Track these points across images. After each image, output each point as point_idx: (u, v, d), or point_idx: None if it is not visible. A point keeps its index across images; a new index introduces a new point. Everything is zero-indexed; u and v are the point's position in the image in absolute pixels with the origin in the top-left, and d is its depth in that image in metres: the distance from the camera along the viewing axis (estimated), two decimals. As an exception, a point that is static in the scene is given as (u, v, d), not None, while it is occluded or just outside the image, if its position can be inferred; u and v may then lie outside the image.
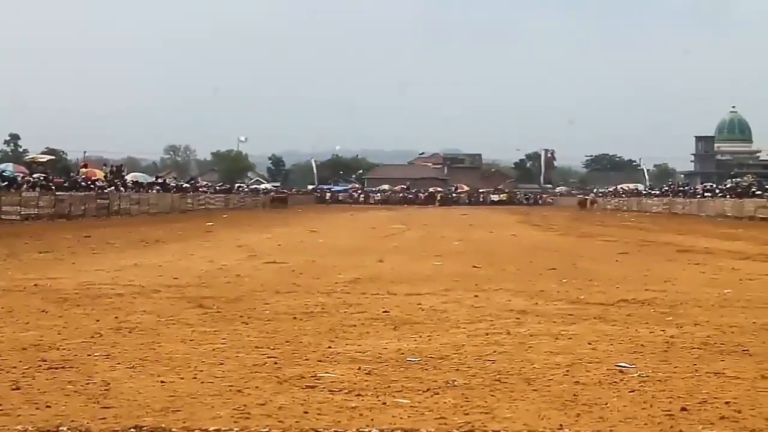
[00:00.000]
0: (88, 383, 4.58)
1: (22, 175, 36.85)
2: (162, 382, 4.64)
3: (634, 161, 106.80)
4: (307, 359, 5.28)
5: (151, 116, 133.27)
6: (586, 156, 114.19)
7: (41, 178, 36.15)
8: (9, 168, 38.92)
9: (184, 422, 3.84)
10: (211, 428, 3.76)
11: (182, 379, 4.72)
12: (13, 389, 4.44)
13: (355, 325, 6.66)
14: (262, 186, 79.20)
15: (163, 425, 3.79)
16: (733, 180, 61.37)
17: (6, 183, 31.56)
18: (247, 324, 6.73)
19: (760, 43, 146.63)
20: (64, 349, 5.55)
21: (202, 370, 4.93)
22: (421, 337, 6.16)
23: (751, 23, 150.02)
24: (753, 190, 46.03)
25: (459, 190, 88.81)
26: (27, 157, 53.35)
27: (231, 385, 4.56)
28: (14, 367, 4.96)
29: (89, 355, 5.35)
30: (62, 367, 4.97)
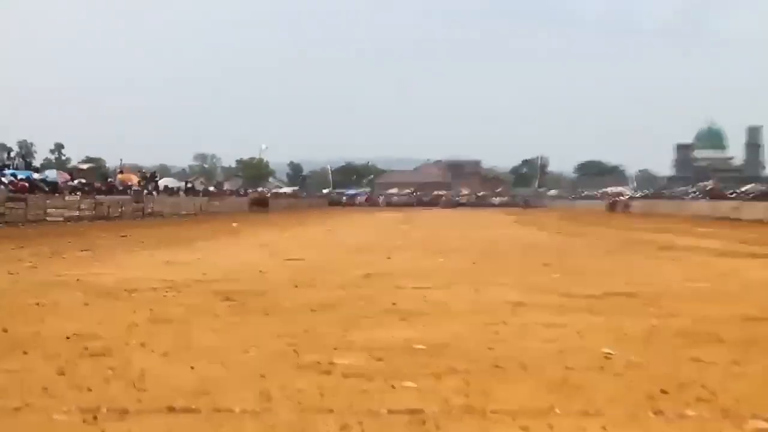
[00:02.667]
0: (125, 369, 4.61)
1: (64, 180, 37.04)
2: (192, 367, 4.66)
3: (620, 167, 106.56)
4: (323, 347, 5.29)
5: (181, 127, 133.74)
6: (576, 162, 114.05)
7: (82, 183, 36.37)
8: (53, 174, 39.18)
9: (212, 404, 3.86)
10: (237, 409, 3.78)
11: (211, 365, 4.74)
12: (59, 374, 4.47)
13: (366, 316, 6.67)
14: (282, 190, 79.23)
15: (193, 406, 3.82)
16: (699, 184, 62.01)
17: (50, 188, 31.76)
18: (269, 315, 6.75)
19: (733, 58, 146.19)
20: (103, 338, 5.58)
21: (228, 357, 4.95)
22: (426, 326, 6.17)
23: (724, 42, 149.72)
24: (727, 192, 46.20)
25: (461, 194, 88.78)
26: (70, 165, 53.59)
27: (254, 371, 4.58)
28: (59, 355, 4.99)
29: (126, 344, 5.38)
30: (102, 355, 5.01)
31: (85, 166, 49.37)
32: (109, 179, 43.87)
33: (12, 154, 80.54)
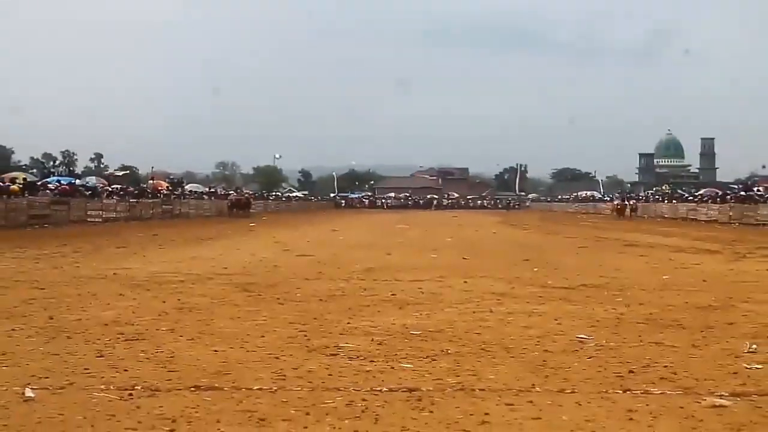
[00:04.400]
0: (156, 352, 4.62)
1: (102, 185, 37.08)
2: (215, 351, 4.66)
3: (591, 173, 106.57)
4: (330, 333, 5.30)
5: (205, 137, 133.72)
6: (552, 169, 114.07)
7: (118, 188, 36.39)
8: (92, 180, 39.25)
9: (233, 383, 3.87)
10: (255, 387, 3.78)
11: (231, 348, 4.74)
12: (98, 357, 4.48)
13: (368, 306, 6.67)
14: (294, 194, 79.12)
15: (216, 385, 3.82)
16: (653, 189, 62.21)
17: (90, 192, 31.80)
18: (282, 304, 6.75)
19: (691, 76, 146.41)
20: (137, 324, 5.58)
21: (247, 341, 4.96)
22: (421, 314, 6.17)
23: (684, 62, 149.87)
24: (685, 196, 46.33)
25: (450, 197, 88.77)
26: (107, 172, 53.63)
27: (270, 353, 4.59)
28: (98, 339, 5.00)
29: (157, 330, 5.38)
30: (136, 339, 5.01)
31: (120, 173, 49.45)
32: (142, 185, 43.88)
33: (56, 163, 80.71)
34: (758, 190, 37.46)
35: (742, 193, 37.35)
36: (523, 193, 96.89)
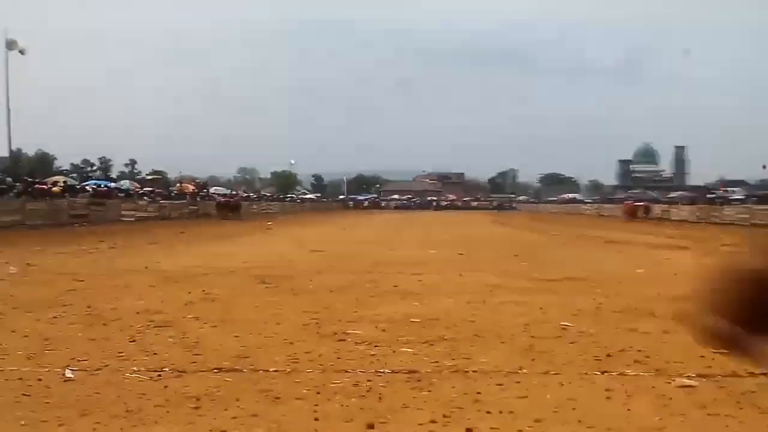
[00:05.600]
0: (183, 337, 4.64)
1: (135, 188, 37.18)
2: (236, 336, 4.68)
3: (573, 178, 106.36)
4: (339, 320, 5.31)
5: (227, 146, 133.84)
6: (540, 174, 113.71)
7: (149, 190, 36.48)
8: (126, 183, 39.38)
9: (251, 365, 3.88)
10: (271, 369, 3.79)
11: (250, 334, 4.76)
12: (130, 341, 4.50)
13: (373, 296, 6.68)
14: (307, 196, 79.06)
15: (236, 367, 3.83)
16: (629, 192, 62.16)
17: (124, 194, 31.92)
18: (296, 295, 6.76)
19: (665, 91, 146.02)
20: (165, 313, 5.60)
21: (264, 328, 4.97)
22: (421, 304, 6.17)
23: (660, 78, 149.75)
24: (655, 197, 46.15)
25: (448, 199, 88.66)
26: (139, 176, 53.71)
27: (285, 339, 4.60)
28: (131, 326, 5.02)
29: (183, 318, 5.40)
30: (165, 326, 5.03)
31: (151, 177, 49.40)
32: (170, 188, 43.94)
33: (94, 168, 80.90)
34: (724, 191, 37.34)
35: (709, 195, 37.25)
36: (513, 195, 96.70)
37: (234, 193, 44.09)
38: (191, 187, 44.29)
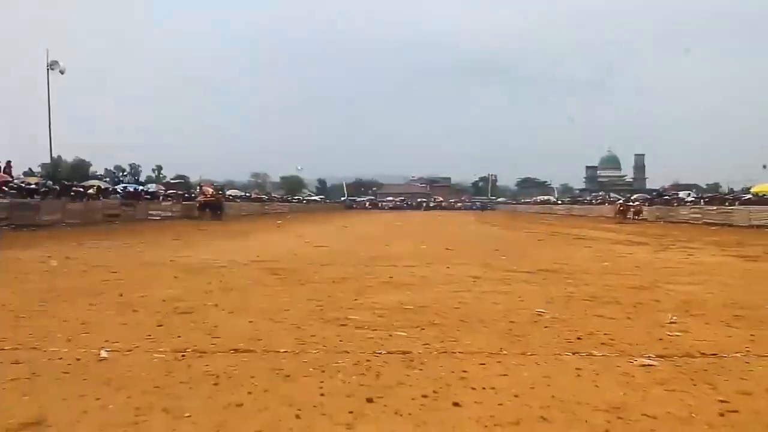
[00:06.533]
0: (203, 322, 4.62)
1: (161, 191, 37.04)
2: (250, 321, 4.66)
3: (547, 182, 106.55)
4: (341, 307, 5.29)
5: (242, 152, 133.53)
6: (517, 178, 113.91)
7: (173, 192, 36.37)
8: (153, 186, 39.27)
9: (264, 347, 3.87)
10: (281, 350, 3.78)
11: (263, 320, 4.74)
12: (158, 326, 4.48)
13: (371, 286, 6.66)
14: (312, 198, 78.91)
15: (251, 349, 3.82)
16: (590, 195, 62.34)
17: (151, 196, 31.82)
18: (303, 285, 6.75)
19: (626, 104, 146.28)
20: (188, 301, 5.58)
21: (275, 314, 4.95)
22: (413, 293, 6.16)
23: (621, 90, 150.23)
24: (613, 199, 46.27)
25: (436, 201, 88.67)
26: (164, 180, 53.55)
27: (293, 324, 4.58)
28: (158, 312, 5.00)
29: (204, 305, 5.38)
30: (188, 312, 5.01)
31: (175, 181, 49.32)
32: (192, 190, 43.81)
33: (125, 173, 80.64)
34: (673, 194, 37.55)
35: (666, 197, 37.38)
36: (493, 198, 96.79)
37: (213, 191, 34.01)
38: (210, 190, 44.15)
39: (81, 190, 26.62)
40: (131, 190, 33.36)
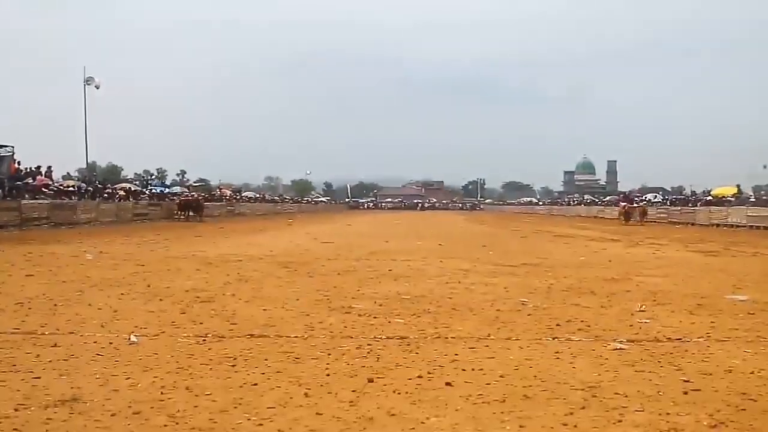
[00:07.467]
0: (222, 310, 4.61)
1: (184, 192, 36.97)
2: (264, 309, 4.66)
3: (529, 185, 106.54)
4: (345, 297, 5.29)
5: (258, 157, 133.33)
6: (503, 182, 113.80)
7: (195, 194, 36.31)
8: (177, 189, 39.17)
9: (276, 332, 3.86)
10: (292, 335, 3.78)
11: (275, 308, 4.73)
12: (181, 313, 4.48)
13: (372, 278, 6.66)
14: (319, 199, 78.77)
15: (265, 334, 3.82)
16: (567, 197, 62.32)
17: (174, 197, 31.71)
18: (311, 277, 6.74)
19: (598, 116, 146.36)
20: (208, 291, 5.58)
21: (286, 303, 4.95)
22: (410, 284, 6.16)
23: (594, 105, 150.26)
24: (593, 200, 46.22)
25: (431, 202, 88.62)
26: (188, 183, 53.42)
27: (302, 312, 4.58)
28: (181, 301, 4.99)
29: (223, 295, 5.38)
30: (208, 301, 5.01)
31: (197, 184, 49.21)
32: (213, 192, 43.77)
33: (152, 177, 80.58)
34: (640, 197, 37.52)
35: (636, 198, 37.34)
36: (482, 199, 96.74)
37: (194, 194, 31.54)
38: (229, 192, 44.17)
39: (113, 191, 26.60)
40: (158, 192, 33.29)
